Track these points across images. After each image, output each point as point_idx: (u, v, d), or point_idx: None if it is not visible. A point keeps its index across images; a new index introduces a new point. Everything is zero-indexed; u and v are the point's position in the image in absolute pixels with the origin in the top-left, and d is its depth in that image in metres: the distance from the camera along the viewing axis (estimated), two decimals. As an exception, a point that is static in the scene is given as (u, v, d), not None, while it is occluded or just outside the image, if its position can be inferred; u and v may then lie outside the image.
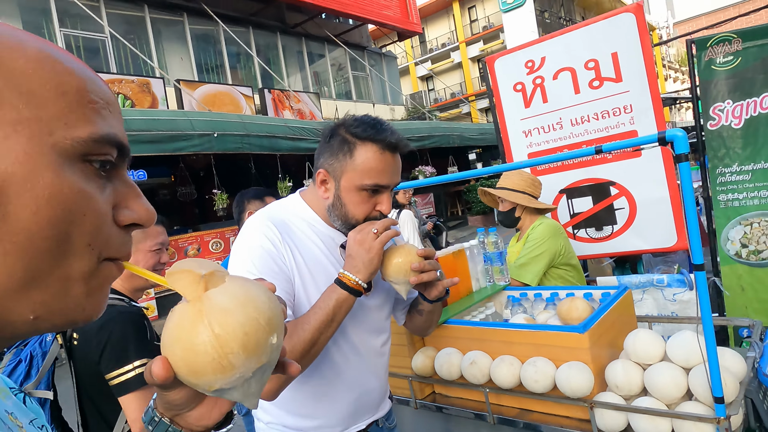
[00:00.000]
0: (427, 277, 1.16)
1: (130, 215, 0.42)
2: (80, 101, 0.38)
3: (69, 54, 0.41)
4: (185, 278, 0.46)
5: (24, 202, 0.35)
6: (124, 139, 0.42)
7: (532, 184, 2.39)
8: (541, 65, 2.67)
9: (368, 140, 1.16)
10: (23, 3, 9.71)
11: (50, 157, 0.36)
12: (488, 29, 27.34)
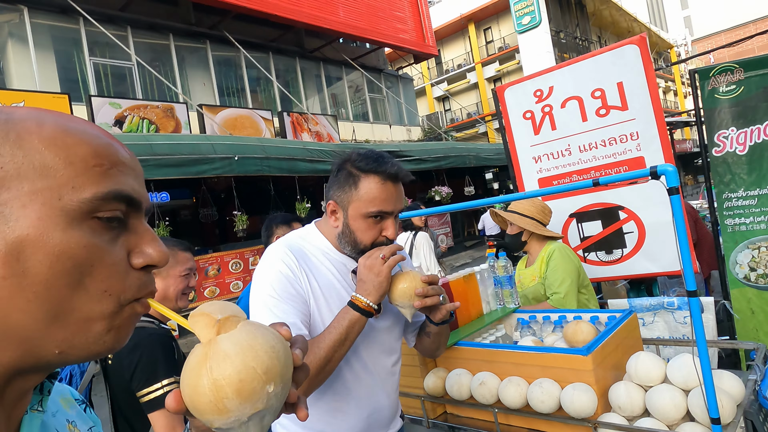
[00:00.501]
0: (430, 301, 1.25)
1: (144, 259, 0.47)
2: (86, 166, 0.44)
3: (85, 123, 0.48)
4: (202, 321, 0.51)
5: (39, 259, 0.41)
6: (135, 194, 0.47)
7: (542, 211, 2.47)
8: (549, 94, 2.77)
9: (371, 172, 1.28)
10: (56, 34, 10.21)
11: (60, 218, 0.43)
12: (504, 50, 27.60)
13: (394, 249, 1.27)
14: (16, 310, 0.41)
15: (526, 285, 2.47)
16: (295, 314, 1.24)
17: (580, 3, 27.51)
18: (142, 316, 1.64)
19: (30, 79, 9.57)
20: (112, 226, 0.46)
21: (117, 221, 0.46)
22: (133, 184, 0.48)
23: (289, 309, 1.24)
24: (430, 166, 11.77)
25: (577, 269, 2.35)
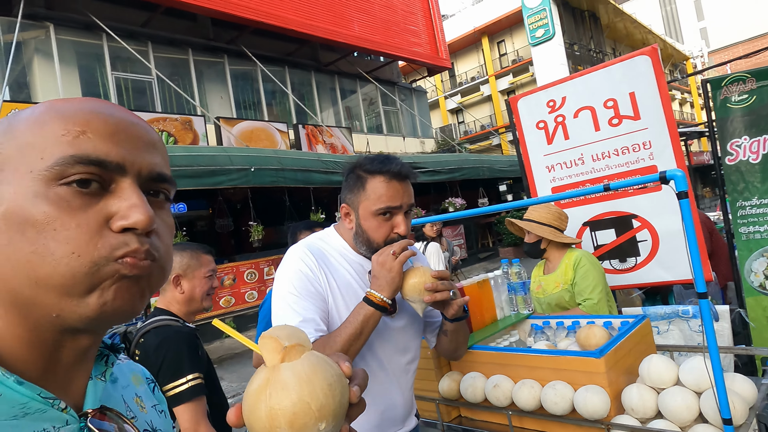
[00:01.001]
0: (440, 296, 1.29)
1: (122, 222, 0.47)
2: (55, 138, 0.47)
3: (78, 101, 0.50)
4: (269, 345, 0.53)
5: (14, 227, 0.45)
6: (107, 156, 0.47)
7: (558, 218, 2.48)
8: (562, 104, 2.81)
9: (376, 173, 1.35)
10: (80, 50, 10.53)
11: (29, 189, 0.45)
12: (517, 62, 27.69)
13: (404, 244, 1.32)
14: (13, 278, 0.46)
15: (549, 292, 2.46)
16: (314, 311, 1.31)
17: (594, 15, 27.55)
18: (168, 317, 1.72)
19: (54, 93, 9.86)
20: (84, 192, 0.46)
21: (94, 186, 0.47)
22: (109, 148, 0.47)
23: (308, 305, 1.30)
24: (443, 178, 11.83)
25: (603, 276, 2.37)
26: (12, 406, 0.45)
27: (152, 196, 0.52)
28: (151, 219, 0.48)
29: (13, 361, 0.47)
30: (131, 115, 0.52)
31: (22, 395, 0.46)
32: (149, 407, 0.65)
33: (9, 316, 0.47)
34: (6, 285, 0.46)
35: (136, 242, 0.47)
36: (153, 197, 0.52)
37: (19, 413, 0.45)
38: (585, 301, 2.30)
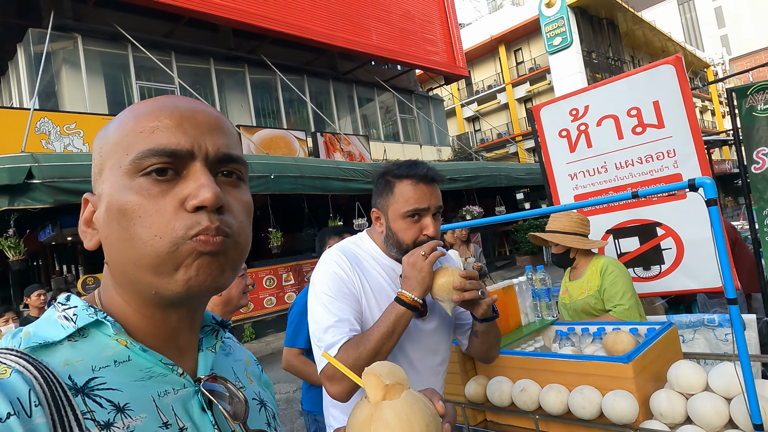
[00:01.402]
0: (468, 295, 1.31)
1: (194, 201, 0.51)
2: (134, 135, 0.53)
3: (143, 103, 0.56)
4: (373, 382, 0.59)
5: (113, 217, 0.52)
6: (176, 146, 0.52)
7: (582, 224, 2.48)
8: (585, 113, 2.84)
9: (404, 177, 1.41)
10: (106, 60, 10.82)
11: (119, 182, 0.52)
12: (534, 71, 27.63)
13: (433, 245, 1.35)
14: (121, 261, 0.53)
15: (575, 298, 2.46)
16: (349, 311, 1.36)
17: (613, 23, 27.40)
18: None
19: (81, 102, 10.14)
20: (161, 180, 0.52)
21: (169, 173, 0.52)
22: (177, 138, 0.52)
23: (343, 306, 1.35)
24: (461, 186, 11.83)
25: (631, 281, 2.36)
26: (140, 370, 0.53)
27: (225, 176, 0.56)
28: (217, 195, 0.51)
29: (137, 332, 0.55)
30: (197, 103, 0.57)
31: (147, 360, 0.54)
32: (257, 383, 0.73)
33: (128, 294, 0.55)
34: (120, 267, 0.54)
35: (207, 220, 0.51)
36: (226, 177, 0.56)
37: (145, 376, 0.53)
38: (616, 307, 2.30)
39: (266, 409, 0.69)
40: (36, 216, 7.48)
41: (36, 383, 0.45)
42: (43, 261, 12.21)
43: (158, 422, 0.51)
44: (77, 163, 6.44)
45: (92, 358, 0.51)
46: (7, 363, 0.46)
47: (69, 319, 0.53)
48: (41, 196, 5.94)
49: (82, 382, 0.49)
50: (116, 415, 0.49)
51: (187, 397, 0.56)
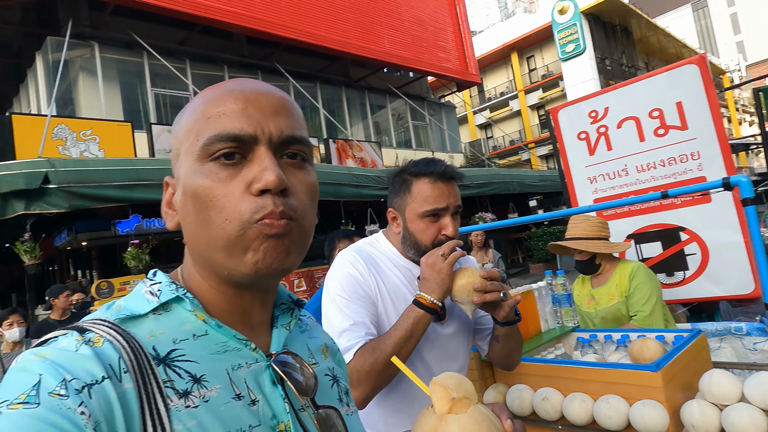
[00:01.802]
0: (489, 297, 1.24)
1: (258, 185, 0.53)
2: (203, 122, 0.55)
3: (212, 88, 0.59)
4: (440, 393, 0.59)
5: (190, 201, 0.55)
6: (240, 131, 0.54)
7: (603, 228, 2.39)
8: (604, 115, 2.77)
9: (421, 175, 1.35)
10: (122, 67, 10.96)
11: (192, 167, 0.55)
12: (547, 77, 27.52)
13: (453, 245, 1.29)
14: (198, 242, 0.56)
15: (602, 305, 2.36)
16: (364, 314, 1.30)
17: (626, 29, 27.21)
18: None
19: (97, 108, 10.27)
20: (229, 164, 0.54)
21: (236, 157, 0.54)
22: (241, 123, 0.54)
23: (358, 309, 1.30)
24: (473, 192, 11.75)
25: (659, 287, 2.28)
26: (216, 344, 0.56)
27: (289, 158, 0.57)
28: (280, 179, 0.53)
29: (213, 308, 0.58)
30: (262, 86, 0.58)
31: (223, 335, 0.57)
32: (332, 359, 0.75)
33: (204, 272, 0.58)
34: (196, 248, 0.57)
35: (272, 204, 0.52)
36: (290, 159, 0.57)
37: (221, 350, 0.56)
38: (637, 313, 2.23)
39: (339, 385, 0.71)
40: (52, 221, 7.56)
41: (124, 352, 0.49)
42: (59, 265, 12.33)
43: (231, 393, 0.54)
44: (92, 168, 6.50)
45: (174, 331, 0.55)
46: (100, 333, 0.50)
47: (154, 294, 0.57)
48: (57, 201, 5.99)
49: (164, 353, 0.52)
50: (193, 385, 0.52)
51: (259, 371, 0.58)
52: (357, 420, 0.73)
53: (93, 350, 0.48)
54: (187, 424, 0.49)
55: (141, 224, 7.89)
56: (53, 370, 0.44)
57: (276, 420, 0.56)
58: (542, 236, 14.58)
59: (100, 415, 0.44)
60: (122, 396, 0.46)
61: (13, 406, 0.41)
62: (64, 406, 0.42)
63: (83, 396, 0.43)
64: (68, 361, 0.46)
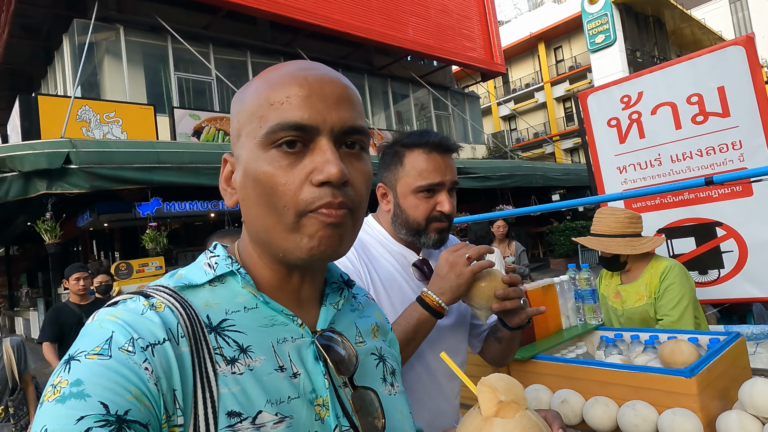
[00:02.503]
0: (510, 304, 1.12)
1: (320, 176, 0.54)
2: (267, 108, 0.57)
3: (275, 71, 0.59)
4: (487, 394, 0.56)
5: (251, 184, 0.57)
6: (304, 120, 0.55)
7: (631, 223, 2.19)
8: (638, 100, 2.59)
9: (414, 146, 1.23)
10: (146, 51, 11.02)
11: (255, 152, 0.57)
12: (575, 69, 26.86)
13: (482, 251, 1.15)
14: (258, 225, 0.59)
15: (630, 304, 2.20)
16: None
17: (659, 21, 26.33)
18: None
19: (122, 92, 10.35)
20: (290, 152, 0.55)
21: (298, 146, 0.56)
22: (303, 112, 0.55)
23: None
24: (494, 184, 11.53)
25: (693, 289, 2.10)
26: (264, 317, 0.60)
27: (348, 147, 0.59)
28: (342, 172, 0.55)
29: (264, 284, 0.62)
30: (325, 73, 0.59)
31: (271, 309, 0.61)
32: (382, 338, 0.76)
33: (260, 250, 0.62)
34: (254, 228, 0.60)
35: (330, 195, 0.55)
36: (348, 149, 0.59)
37: (268, 323, 0.60)
38: (664, 317, 2.06)
39: (385, 365, 0.72)
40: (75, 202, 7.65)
41: (181, 319, 0.54)
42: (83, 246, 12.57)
43: (275, 365, 0.57)
44: (114, 150, 6.53)
45: (227, 302, 0.59)
46: (162, 299, 0.55)
47: (211, 267, 0.61)
48: (78, 181, 6.03)
49: (216, 322, 0.57)
50: (240, 354, 0.55)
51: (303, 346, 0.60)
52: (401, 400, 0.73)
53: (157, 314, 0.53)
54: (231, 388, 0.53)
55: (161, 207, 7.92)
56: (123, 329, 0.50)
57: (315, 394, 0.59)
58: (564, 231, 14.27)
59: (161, 372, 0.49)
60: (179, 357, 0.51)
61: (90, 356, 0.48)
62: (131, 361, 0.48)
63: (147, 354, 0.49)
64: (136, 322, 0.51)
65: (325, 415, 0.59)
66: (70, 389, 0.45)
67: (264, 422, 0.53)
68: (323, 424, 0.58)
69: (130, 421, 0.45)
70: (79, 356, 0.48)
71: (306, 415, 0.57)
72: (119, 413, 0.45)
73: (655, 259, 2.19)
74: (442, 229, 1.24)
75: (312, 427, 0.57)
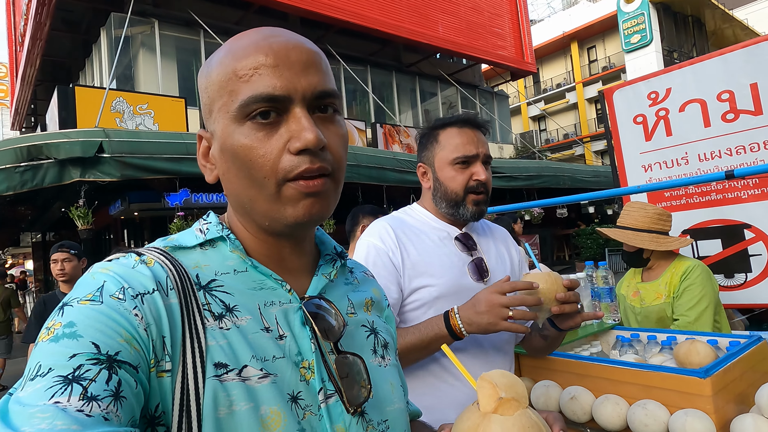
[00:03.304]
0: (569, 308, 1.13)
1: (297, 144, 0.55)
2: (235, 82, 0.57)
3: (238, 40, 0.59)
4: (487, 390, 0.56)
5: (230, 157, 0.58)
6: (275, 91, 0.55)
7: (659, 219, 2.13)
8: (665, 97, 2.52)
9: (447, 125, 1.34)
10: (180, 45, 11.26)
11: (229, 125, 0.57)
12: (608, 69, 26.24)
13: (521, 301, 1.13)
14: (241, 197, 0.60)
15: (648, 302, 2.14)
16: (384, 283, 1.23)
17: (699, 21, 25.48)
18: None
19: (155, 84, 10.60)
20: (265, 123, 0.56)
21: (272, 115, 0.56)
22: (273, 83, 0.55)
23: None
24: (521, 184, 11.38)
25: (716, 292, 2.03)
26: (253, 281, 0.62)
27: (321, 112, 0.59)
28: (318, 138, 0.55)
29: (253, 252, 0.64)
30: (289, 39, 0.59)
31: (260, 273, 0.62)
32: (375, 314, 0.77)
33: (245, 220, 0.64)
34: (237, 200, 0.62)
35: (309, 162, 0.56)
36: (322, 113, 0.59)
37: (257, 286, 0.61)
38: (680, 317, 2.00)
39: (377, 337, 0.73)
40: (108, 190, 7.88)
41: (170, 273, 0.56)
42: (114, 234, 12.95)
43: (260, 325, 0.59)
44: (145, 140, 6.70)
45: (217, 265, 0.61)
46: (153, 256, 0.58)
47: (202, 231, 0.64)
48: (110, 170, 6.22)
49: (205, 282, 0.59)
50: (226, 313, 0.57)
51: (291, 310, 0.62)
52: (392, 372, 0.73)
53: (148, 268, 0.56)
54: (219, 341, 0.55)
55: (189, 198, 8.08)
56: (114, 280, 0.53)
57: (301, 357, 0.60)
58: (591, 234, 13.98)
59: (151, 319, 0.51)
60: (168, 308, 0.54)
61: (82, 302, 0.50)
62: (122, 307, 0.50)
63: (137, 301, 0.52)
64: (127, 274, 0.54)
65: (310, 377, 0.60)
66: (63, 330, 0.47)
67: (249, 376, 0.55)
68: (308, 385, 0.59)
69: (120, 362, 0.47)
70: (72, 302, 0.50)
71: (290, 375, 0.58)
72: (110, 353, 0.47)
73: (679, 258, 2.13)
74: (479, 201, 1.33)
75: (297, 387, 0.58)
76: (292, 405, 0.57)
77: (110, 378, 0.46)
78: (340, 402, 0.60)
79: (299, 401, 0.58)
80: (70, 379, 0.44)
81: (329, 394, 0.60)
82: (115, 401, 0.45)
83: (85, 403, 0.43)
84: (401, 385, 0.74)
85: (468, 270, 1.33)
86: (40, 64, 13.25)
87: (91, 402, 0.43)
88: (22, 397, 0.43)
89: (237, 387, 0.53)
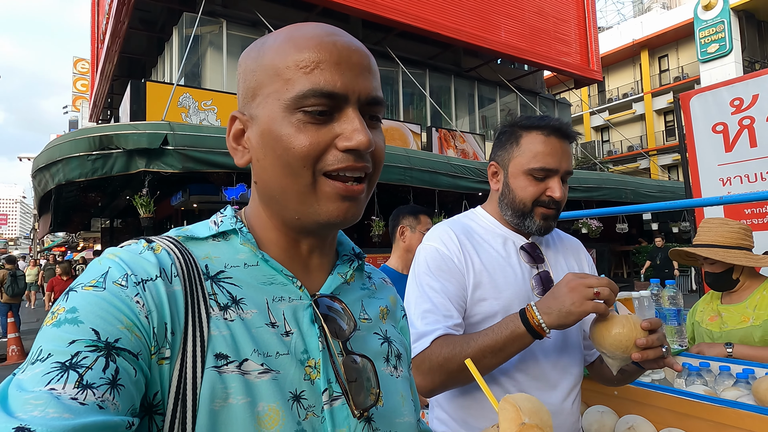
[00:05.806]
0: (653, 354, 0.97)
1: (345, 144, 0.56)
2: (294, 71, 0.57)
3: (300, 30, 0.59)
4: (509, 413, 0.53)
5: (271, 144, 0.57)
6: (334, 89, 0.56)
7: (746, 235, 1.94)
8: (751, 104, 2.29)
9: (533, 128, 1.20)
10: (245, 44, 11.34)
11: (278, 113, 0.57)
12: (681, 80, 24.84)
13: (612, 288, 1.01)
14: (270, 184, 0.60)
15: (731, 326, 1.95)
16: (447, 293, 1.16)
17: (787, 30, 23.66)
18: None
19: (219, 82, 11.01)
20: (317, 117, 0.56)
21: (324, 112, 0.56)
22: (335, 80, 0.56)
23: (442, 286, 1.17)
24: (579, 196, 10.92)
25: None
26: (264, 274, 0.62)
27: (370, 119, 0.60)
28: (371, 141, 0.57)
29: (271, 245, 0.64)
30: (350, 40, 0.60)
31: (271, 268, 0.62)
32: (390, 324, 0.75)
33: (271, 212, 0.63)
34: (269, 190, 0.61)
35: (353, 160, 0.57)
36: (370, 120, 0.60)
37: (267, 281, 0.61)
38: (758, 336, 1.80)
39: (390, 346, 0.71)
40: (170, 182, 8.23)
41: (177, 261, 0.57)
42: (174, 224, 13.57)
43: (266, 320, 0.58)
44: (206, 134, 6.95)
45: (227, 257, 0.61)
46: (161, 243, 0.59)
47: (216, 224, 0.64)
48: (172, 162, 6.49)
49: (213, 272, 0.59)
50: (231, 305, 0.57)
51: (300, 307, 0.61)
52: (404, 384, 0.70)
53: (154, 255, 0.56)
54: (222, 331, 0.55)
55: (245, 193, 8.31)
56: (119, 266, 0.54)
57: (307, 355, 0.59)
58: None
59: (152, 306, 0.52)
60: (171, 295, 0.54)
61: (86, 288, 0.51)
62: (124, 294, 0.51)
63: (139, 288, 0.52)
64: (132, 260, 0.55)
65: (315, 377, 0.58)
66: (66, 315, 0.48)
67: (249, 370, 0.54)
68: (312, 385, 0.58)
69: (119, 349, 0.47)
70: (77, 288, 0.51)
71: (294, 373, 0.57)
72: (109, 340, 0.47)
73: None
74: (548, 216, 1.22)
75: (300, 386, 0.57)
76: (293, 404, 0.55)
77: (107, 366, 0.45)
78: (346, 405, 0.58)
79: (302, 401, 0.56)
80: (67, 366, 0.44)
81: (335, 397, 0.58)
82: (111, 389, 0.44)
83: (79, 391, 0.43)
84: (413, 399, 0.71)
85: (532, 283, 1.22)
86: (118, 60, 14.08)
87: (86, 390, 0.43)
88: (22, 381, 0.44)
89: (236, 380, 0.53)
